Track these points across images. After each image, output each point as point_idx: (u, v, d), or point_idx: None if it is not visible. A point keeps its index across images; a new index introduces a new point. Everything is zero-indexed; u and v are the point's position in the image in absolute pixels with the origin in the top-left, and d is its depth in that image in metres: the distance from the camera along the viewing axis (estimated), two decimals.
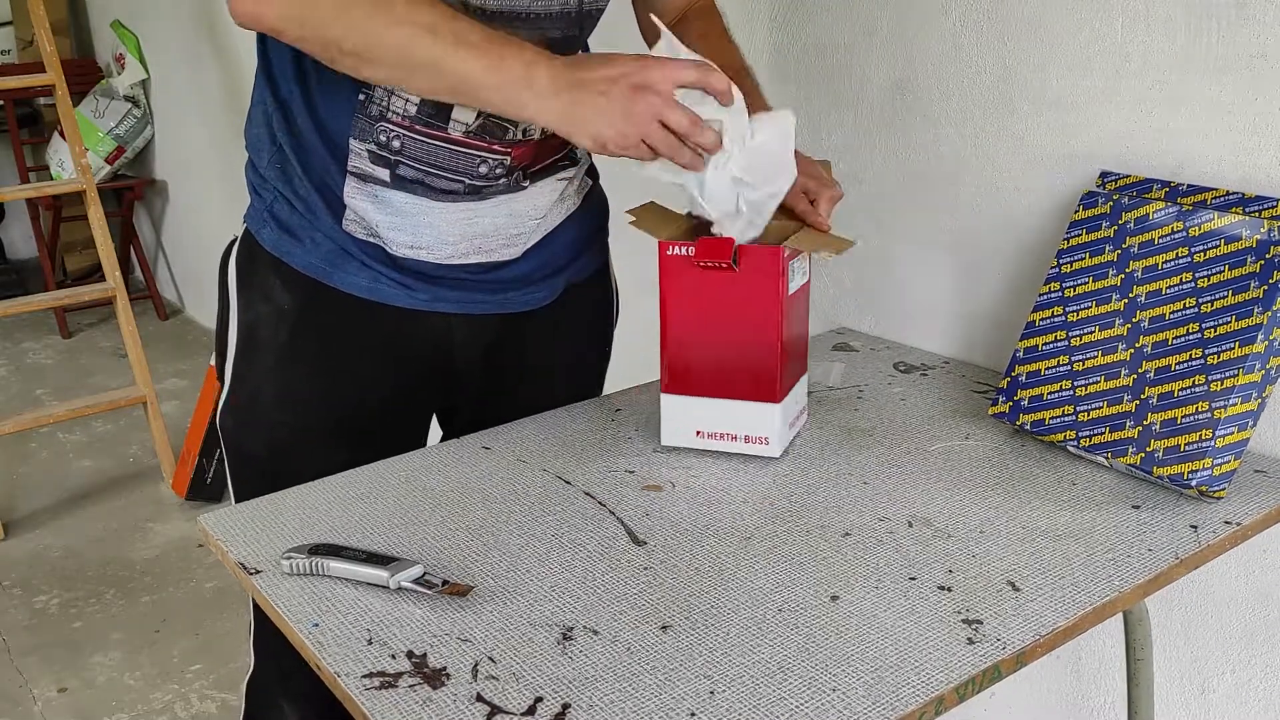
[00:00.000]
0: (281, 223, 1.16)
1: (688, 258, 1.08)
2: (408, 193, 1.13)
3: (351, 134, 1.11)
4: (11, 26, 4.54)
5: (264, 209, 1.17)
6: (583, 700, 0.76)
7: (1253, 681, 1.24)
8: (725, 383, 1.10)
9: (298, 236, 1.15)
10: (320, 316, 1.17)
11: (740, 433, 1.12)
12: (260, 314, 1.18)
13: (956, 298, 1.42)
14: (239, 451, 1.22)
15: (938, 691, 0.77)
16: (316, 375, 1.19)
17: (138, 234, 4.56)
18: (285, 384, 1.18)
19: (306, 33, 0.99)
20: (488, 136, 1.12)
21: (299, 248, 1.15)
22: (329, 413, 1.19)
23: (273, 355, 1.18)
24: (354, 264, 1.15)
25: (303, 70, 1.12)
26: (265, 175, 1.17)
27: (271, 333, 1.18)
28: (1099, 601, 0.87)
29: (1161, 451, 1.02)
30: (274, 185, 1.16)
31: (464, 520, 1.01)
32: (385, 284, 1.16)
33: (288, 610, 0.88)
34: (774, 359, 1.08)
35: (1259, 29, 1.08)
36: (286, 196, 1.16)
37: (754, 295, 1.07)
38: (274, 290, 1.17)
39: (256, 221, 1.18)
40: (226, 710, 2.16)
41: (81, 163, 3.01)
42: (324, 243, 1.15)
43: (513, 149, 1.14)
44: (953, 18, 1.35)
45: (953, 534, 0.97)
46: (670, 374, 1.13)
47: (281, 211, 1.16)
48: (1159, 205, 1.12)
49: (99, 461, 3.27)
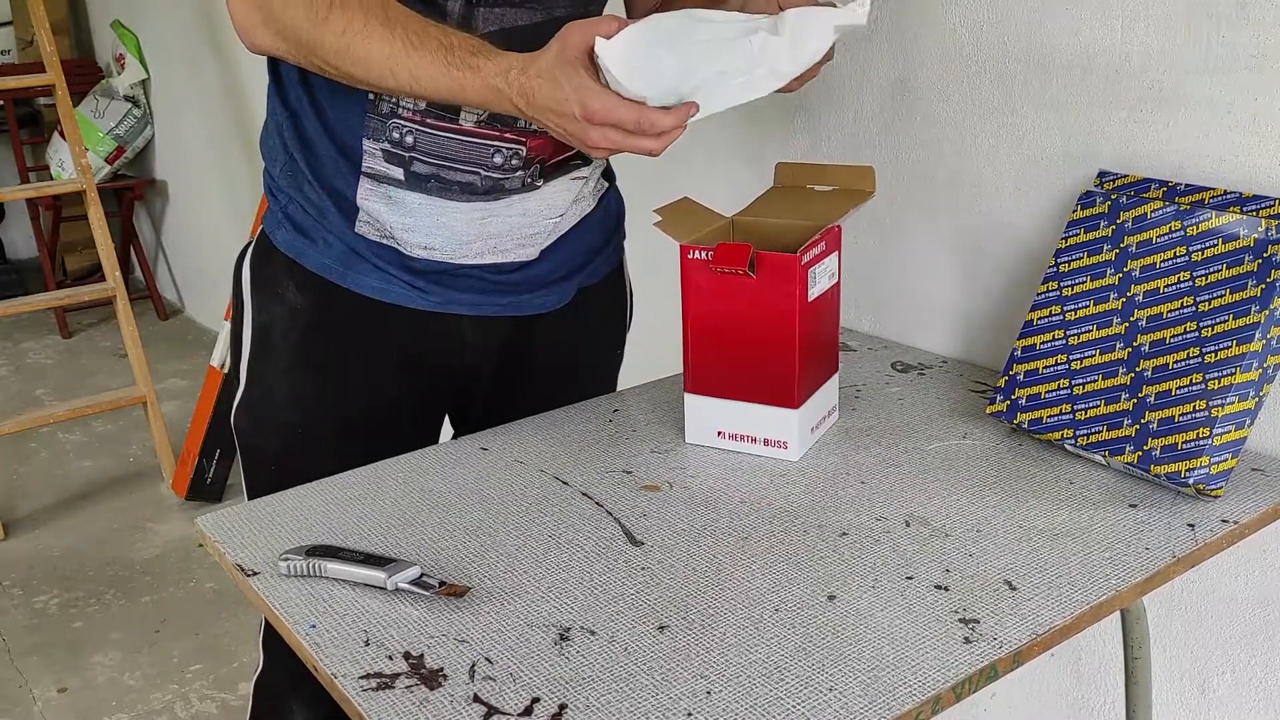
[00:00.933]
0: (295, 224, 1.17)
1: (708, 262, 1.08)
2: (422, 192, 1.13)
3: (365, 134, 1.12)
4: (11, 26, 4.54)
5: (279, 210, 1.18)
6: (579, 700, 0.76)
7: (1252, 681, 1.24)
8: (745, 386, 1.11)
9: (311, 237, 1.16)
10: (332, 317, 1.18)
11: (760, 435, 1.12)
12: (274, 315, 1.19)
13: (955, 297, 1.42)
14: (252, 451, 1.22)
15: (934, 691, 0.77)
16: (328, 376, 1.19)
17: (138, 234, 4.56)
18: (297, 384, 1.19)
19: (294, 52, 1.03)
20: (499, 125, 1.12)
21: (312, 248, 1.16)
22: (340, 414, 1.20)
23: (285, 356, 1.18)
24: (365, 265, 1.16)
25: (310, 79, 1.13)
26: (279, 183, 1.18)
27: (284, 333, 1.18)
28: (1096, 600, 0.87)
29: (1159, 450, 1.02)
30: (287, 191, 1.17)
31: (461, 521, 1.01)
32: (397, 285, 1.16)
33: (285, 612, 0.88)
34: (792, 366, 1.08)
35: (1259, 29, 1.08)
36: (299, 201, 1.16)
37: (772, 302, 1.07)
38: (287, 291, 1.18)
39: (272, 223, 1.19)
40: (226, 710, 2.16)
41: (81, 163, 3.01)
42: (336, 244, 1.16)
43: (527, 138, 1.14)
44: (953, 18, 1.34)
45: (950, 533, 0.97)
46: (693, 375, 1.13)
47: (295, 213, 1.17)
48: (1157, 204, 1.11)
49: (99, 461, 3.27)
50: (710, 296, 1.09)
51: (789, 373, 1.08)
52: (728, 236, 1.18)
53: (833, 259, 1.13)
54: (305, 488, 1.08)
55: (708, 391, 1.13)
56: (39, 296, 3.15)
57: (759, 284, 1.07)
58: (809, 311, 1.09)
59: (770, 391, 1.10)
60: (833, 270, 1.14)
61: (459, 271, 1.18)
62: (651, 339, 1.54)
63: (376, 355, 1.20)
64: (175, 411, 3.50)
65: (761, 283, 1.07)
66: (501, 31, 1.09)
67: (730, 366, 1.11)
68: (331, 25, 0.99)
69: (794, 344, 1.07)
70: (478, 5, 1.07)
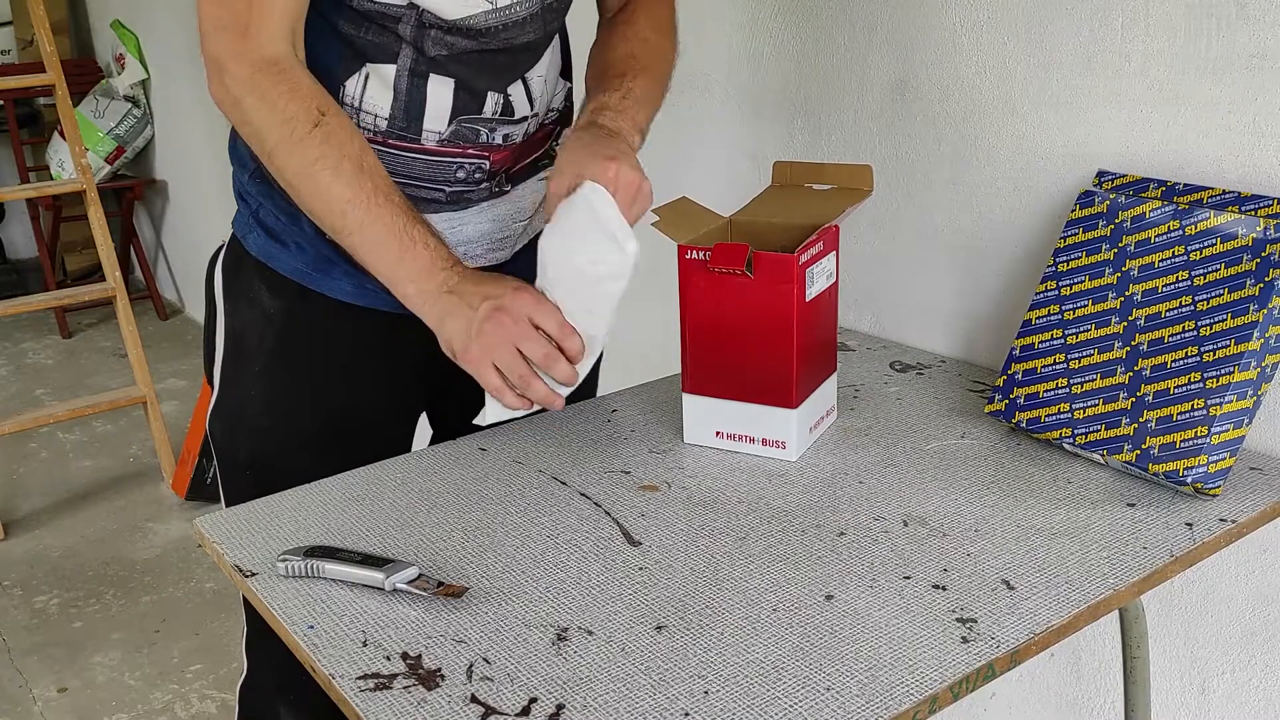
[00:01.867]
0: (267, 229, 1.16)
1: (705, 262, 1.08)
2: None
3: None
4: (11, 26, 4.54)
5: (249, 215, 1.18)
6: (577, 701, 0.76)
7: (1252, 681, 1.24)
8: (743, 386, 1.11)
9: (283, 242, 1.16)
10: (306, 321, 1.17)
11: (758, 435, 1.12)
12: (247, 319, 1.18)
13: (954, 297, 1.42)
14: (228, 456, 1.22)
15: (932, 690, 0.76)
16: (303, 380, 1.19)
17: (138, 234, 4.56)
18: (272, 389, 1.18)
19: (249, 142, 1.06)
20: (461, 142, 1.12)
21: (284, 252, 1.16)
22: (315, 416, 1.19)
23: (259, 360, 1.18)
24: (338, 270, 1.15)
25: None
26: (249, 188, 1.18)
27: (258, 338, 1.18)
28: (1094, 599, 0.87)
29: (1157, 448, 1.02)
30: (257, 197, 1.17)
31: (460, 522, 1.01)
32: (370, 288, 1.16)
33: (283, 612, 0.88)
34: (789, 366, 1.08)
35: (1259, 29, 1.08)
36: (270, 208, 1.16)
37: (770, 302, 1.07)
38: (260, 295, 1.17)
39: (243, 227, 1.19)
40: (226, 710, 2.16)
41: (81, 163, 3.01)
42: (309, 249, 1.15)
43: (490, 153, 1.14)
44: (953, 18, 1.34)
45: (948, 533, 0.97)
46: (690, 375, 1.13)
47: (267, 218, 1.16)
48: (1155, 204, 1.11)
49: (99, 461, 3.27)
50: (708, 297, 1.09)
51: (787, 372, 1.08)
52: (725, 236, 1.18)
53: (830, 259, 1.13)
54: (303, 488, 1.08)
55: (706, 391, 1.13)
56: (39, 296, 3.15)
57: (757, 284, 1.07)
58: (807, 311, 1.09)
59: (769, 391, 1.10)
60: (830, 270, 1.14)
61: None
62: (650, 340, 1.54)
63: (352, 357, 1.20)
64: (175, 411, 3.50)
65: (759, 282, 1.07)
66: (451, 56, 1.09)
67: (728, 366, 1.11)
68: (306, 150, 1.01)
69: (792, 344, 1.07)
70: (429, 28, 1.07)
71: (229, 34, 1.00)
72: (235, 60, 1.01)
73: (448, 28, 1.06)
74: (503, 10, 1.07)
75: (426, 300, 1.04)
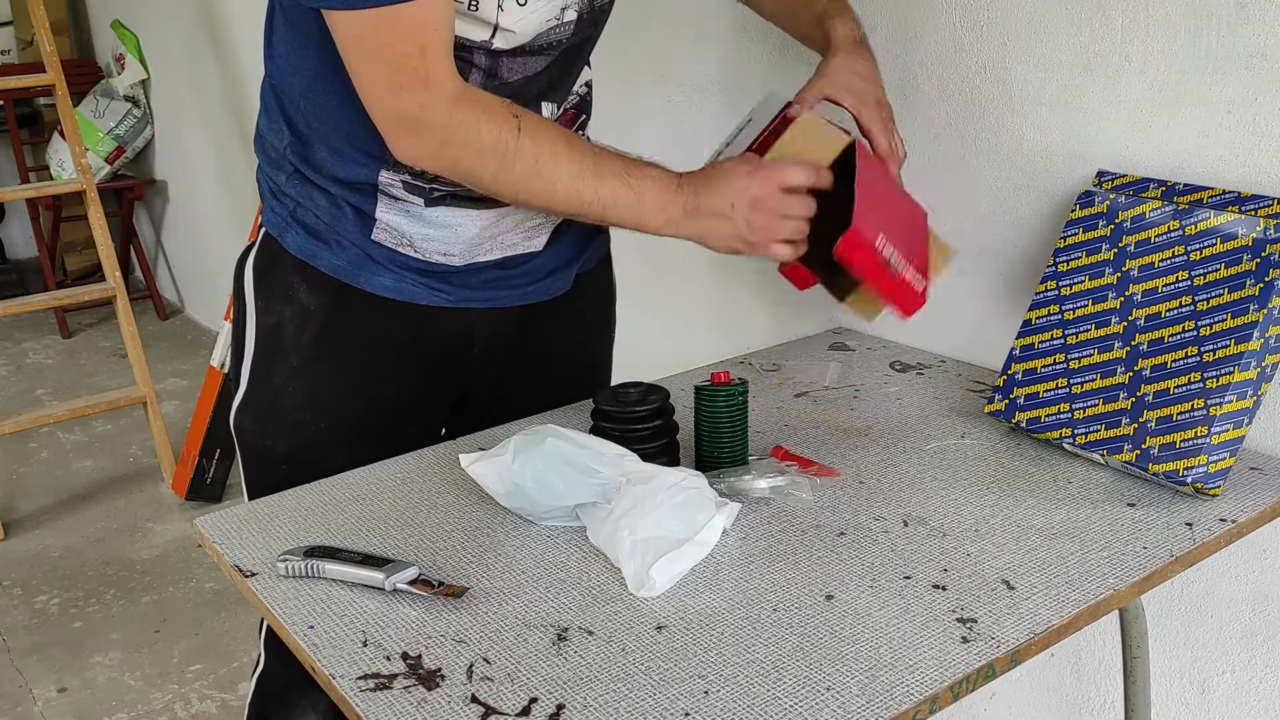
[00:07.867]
0: (307, 227, 1.18)
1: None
2: (443, 206, 1.15)
3: (384, 166, 1.12)
4: (11, 26, 4.54)
5: (286, 214, 1.19)
6: (577, 701, 0.76)
7: (1252, 681, 1.24)
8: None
9: (325, 240, 1.17)
10: (346, 317, 1.19)
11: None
12: (284, 315, 1.19)
13: (954, 297, 1.42)
14: (260, 453, 1.23)
15: (932, 690, 0.77)
16: (342, 374, 1.20)
17: (138, 234, 4.56)
18: (310, 384, 1.20)
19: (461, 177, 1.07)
20: None
21: (326, 250, 1.17)
22: (353, 410, 1.21)
23: (296, 356, 1.19)
24: (378, 266, 1.17)
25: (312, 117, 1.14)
26: (286, 190, 1.18)
27: (296, 334, 1.19)
28: (1094, 599, 0.87)
29: (1157, 448, 1.02)
30: (295, 198, 1.18)
31: (460, 521, 1.01)
32: (411, 284, 1.18)
33: (283, 612, 0.88)
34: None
35: (1259, 29, 1.08)
36: (310, 207, 1.17)
37: None
38: (298, 292, 1.19)
39: (279, 226, 1.19)
40: (226, 710, 2.16)
41: (81, 163, 3.01)
42: (350, 247, 1.17)
43: None
44: (953, 17, 1.34)
45: (948, 533, 0.97)
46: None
47: (306, 217, 1.17)
48: (1155, 204, 1.11)
49: (99, 461, 3.27)
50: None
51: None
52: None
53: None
54: (303, 488, 1.08)
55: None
56: (39, 296, 3.14)
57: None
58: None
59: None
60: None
61: (471, 269, 1.20)
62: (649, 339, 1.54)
63: (390, 351, 1.22)
64: (175, 411, 3.50)
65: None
66: (524, 80, 1.11)
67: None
68: (522, 158, 1.03)
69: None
70: (501, 56, 1.08)
71: (412, 91, 0.99)
72: (429, 111, 1.00)
73: (514, 51, 1.07)
74: (567, 24, 1.09)
75: (677, 226, 1.08)
